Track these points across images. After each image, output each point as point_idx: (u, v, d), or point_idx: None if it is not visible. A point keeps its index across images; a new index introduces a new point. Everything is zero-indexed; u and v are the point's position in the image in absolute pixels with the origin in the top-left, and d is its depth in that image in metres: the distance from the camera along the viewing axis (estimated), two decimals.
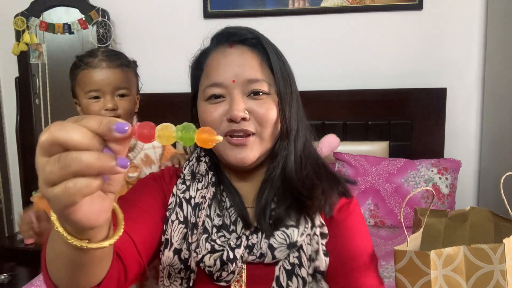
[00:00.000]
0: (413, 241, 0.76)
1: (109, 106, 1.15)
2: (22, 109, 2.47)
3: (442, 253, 0.65)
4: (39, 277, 1.69)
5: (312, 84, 2.35)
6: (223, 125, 0.74)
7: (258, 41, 0.78)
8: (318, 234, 0.76)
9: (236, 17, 2.39)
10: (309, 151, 0.81)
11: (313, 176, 0.78)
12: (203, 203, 0.78)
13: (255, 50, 0.77)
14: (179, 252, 0.75)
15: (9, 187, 2.66)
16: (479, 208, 0.83)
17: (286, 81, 0.79)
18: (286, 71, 0.80)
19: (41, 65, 2.51)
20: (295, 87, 0.81)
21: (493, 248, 0.65)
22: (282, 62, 0.80)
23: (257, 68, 0.76)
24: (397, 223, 2.07)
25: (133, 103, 1.23)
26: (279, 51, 0.81)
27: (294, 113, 0.79)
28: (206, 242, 0.74)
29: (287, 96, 0.78)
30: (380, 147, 2.30)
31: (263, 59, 0.77)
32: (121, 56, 1.23)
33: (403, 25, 2.35)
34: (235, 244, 0.74)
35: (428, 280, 0.65)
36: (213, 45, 0.80)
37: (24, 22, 2.37)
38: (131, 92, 1.22)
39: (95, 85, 1.16)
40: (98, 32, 2.37)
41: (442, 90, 2.30)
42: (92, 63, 1.17)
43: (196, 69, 0.82)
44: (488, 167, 2.31)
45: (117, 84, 1.17)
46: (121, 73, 1.19)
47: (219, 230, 0.76)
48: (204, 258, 0.73)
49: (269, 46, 0.79)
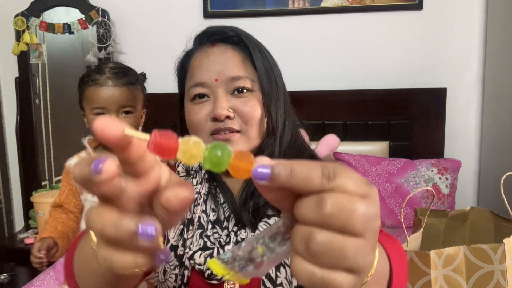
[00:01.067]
0: (413, 241, 0.76)
1: None
2: (22, 109, 2.47)
3: (442, 253, 0.65)
4: (39, 277, 1.69)
5: (312, 84, 2.35)
6: (208, 124, 0.74)
7: (240, 38, 0.78)
8: None
9: (236, 17, 2.39)
10: (298, 149, 0.80)
11: None
12: (199, 199, 0.78)
13: (237, 48, 0.77)
14: (175, 248, 0.76)
15: (9, 187, 2.66)
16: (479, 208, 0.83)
17: (271, 77, 0.78)
18: (270, 67, 0.79)
19: (41, 65, 2.51)
20: (281, 84, 0.80)
21: (493, 248, 0.65)
22: (266, 59, 0.79)
23: (239, 65, 0.75)
24: (397, 223, 2.07)
25: (138, 119, 1.27)
26: (263, 48, 0.80)
27: (280, 109, 0.78)
28: (200, 238, 0.74)
29: (272, 92, 0.77)
30: (380, 147, 2.30)
31: (245, 57, 0.77)
32: (129, 73, 1.26)
33: (403, 25, 2.35)
34: (225, 241, 0.74)
35: (428, 280, 0.65)
36: (196, 46, 0.80)
37: (24, 22, 2.37)
38: (136, 109, 1.25)
39: (100, 102, 1.20)
40: (98, 32, 2.37)
41: (442, 90, 2.30)
42: (99, 80, 1.20)
43: (181, 71, 0.82)
44: (488, 167, 2.31)
45: (122, 102, 1.21)
46: (127, 91, 1.22)
47: (214, 225, 0.76)
48: (194, 255, 0.73)
49: (252, 43, 0.78)
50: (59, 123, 2.63)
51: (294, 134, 0.81)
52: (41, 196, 2.26)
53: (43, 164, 2.55)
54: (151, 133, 0.32)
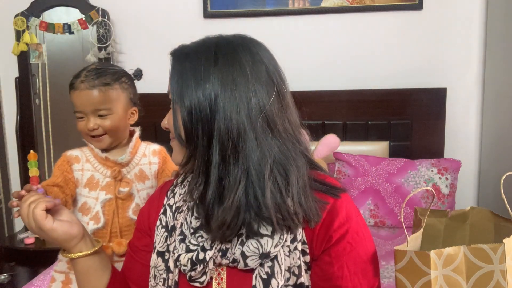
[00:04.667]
0: (413, 241, 0.76)
1: (90, 126, 1.19)
2: (22, 109, 2.47)
3: (442, 253, 0.65)
4: (39, 277, 1.69)
5: (312, 84, 2.35)
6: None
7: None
8: (299, 250, 0.71)
9: (236, 17, 2.39)
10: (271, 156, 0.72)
11: (275, 194, 0.69)
12: (183, 206, 0.80)
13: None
14: (161, 254, 0.79)
15: (9, 187, 2.66)
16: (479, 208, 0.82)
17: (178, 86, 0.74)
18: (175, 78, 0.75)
19: (41, 65, 2.51)
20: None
21: (493, 248, 0.65)
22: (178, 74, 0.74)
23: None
24: (397, 223, 2.07)
25: (120, 119, 1.22)
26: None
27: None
28: (181, 243, 0.76)
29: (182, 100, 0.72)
30: (380, 147, 2.30)
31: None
32: (103, 74, 1.22)
33: (403, 25, 2.35)
34: (209, 246, 0.74)
35: (428, 280, 0.65)
36: None
37: (24, 22, 2.37)
38: (113, 110, 1.21)
39: (77, 106, 1.20)
40: (98, 32, 2.37)
41: (442, 90, 2.30)
42: (74, 84, 1.20)
43: None
44: (488, 167, 2.31)
45: (95, 105, 1.19)
46: (99, 93, 1.19)
47: (196, 231, 0.76)
48: (180, 257, 0.75)
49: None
50: (59, 123, 2.63)
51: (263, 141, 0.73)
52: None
53: (43, 164, 2.55)
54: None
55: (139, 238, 0.89)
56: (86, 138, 1.24)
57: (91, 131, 1.19)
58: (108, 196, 1.23)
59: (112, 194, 1.23)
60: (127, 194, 1.23)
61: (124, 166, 1.25)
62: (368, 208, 2.10)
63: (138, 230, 0.90)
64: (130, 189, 1.23)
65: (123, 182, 1.24)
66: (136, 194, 1.24)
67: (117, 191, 1.23)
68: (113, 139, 1.24)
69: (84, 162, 1.27)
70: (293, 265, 0.72)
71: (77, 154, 1.29)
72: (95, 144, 1.23)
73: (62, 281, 1.27)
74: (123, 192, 1.23)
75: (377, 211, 2.09)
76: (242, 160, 0.69)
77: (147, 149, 1.32)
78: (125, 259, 0.92)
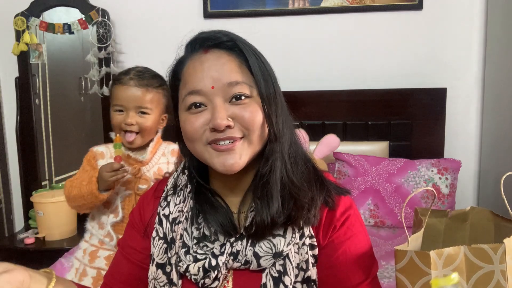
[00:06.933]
0: (414, 241, 0.76)
1: (128, 121, 1.28)
2: (22, 109, 2.47)
3: (442, 253, 0.65)
4: None
5: (312, 84, 2.35)
6: (206, 134, 0.72)
7: (234, 43, 0.74)
8: (308, 244, 0.74)
9: (236, 17, 2.39)
10: (296, 154, 0.78)
11: (301, 181, 0.75)
12: (180, 217, 0.78)
13: (232, 53, 0.74)
14: (162, 266, 0.78)
15: (9, 187, 2.66)
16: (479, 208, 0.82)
17: (268, 82, 0.75)
18: (266, 71, 0.75)
19: (41, 65, 2.51)
20: (278, 88, 0.77)
21: (494, 248, 0.65)
22: (262, 62, 0.76)
23: (236, 70, 0.72)
24: (397, 223, 2.07)
25: (154, 121, 1.33)
26: (258, 52, 0.77)
27: (279, 114, 0.75)
28: (187, 255, 0.75)
29: (270, 97, 0.74)
30: (380, 147, 2.30)
31: (241, 62, 0.73)
32: (153, 77, 1.32)
33: (403, 25, 2.35)
34: (219, 252, 0.73)
35: (428, 280, 0.65)
36: (188, 53, 0.77)
37: (24, 22, 2.37)
38: (154, 112, 1.32)
39: (120, 100, 1.29)
40: (98, 32, 2.37)
41: (442, 90, 2.30)
42: (123, 80, 1.30)
43: (174, 79, 0.78)
44: (488, 167, 2.31)
45: (139, 102, 1.28)
46: (146, 92, 1.29)
47: (199, 242, 0.76)
48: (189, 267, 0.74)
49: (247, 48, 0.74)
50: (59, 123, 2.63)
51: (293, 139, 0.79)
52: (41, 196, 2.26)
53: (43, 164, 2.55)
54: None
55: (133, 236, 0.86)
56: (118, 132, 1.32)
57: (128, 125, 1.28)
58: (128, 192, 1.32)
59: (131, 190, 1.32)
60: (145, 191, 1.29)
61: (144, 164, 1.34)
62: (368, 208, 2.10)
63: (133, 229, 0.87)
64: (148, 186, 1.30)
65: (142, 180, 1.32)
66: None
67: (136, 187, 1.32)
68: (144, 139, 1.33)
69: (108, 158, 1.36)
70: (302, 261, 0.74)
71: (103, 150, 1.38)
72: (126, 141, 1.31)
73: (76, 268, 1.34)
74: (141, 189, 1.31)
75: (377, 211, 2.09)
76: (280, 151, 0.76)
77: (167, 149, 1.40)
78: (114, 258, 0.89)
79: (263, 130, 0.74)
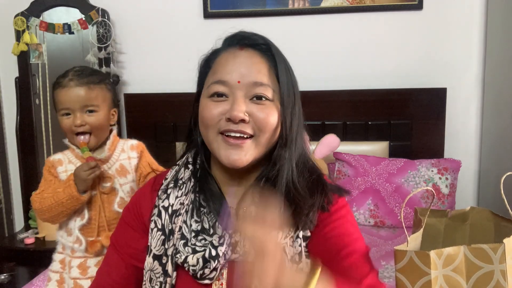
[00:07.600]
0: (414, 241, 0.76)
1: (77, 122, 1.25)
2: (22, 109, 2.47)
3: (442, 253, 0.65)
4: (39, 277, 1.69)
5: (312, 84, 2.35)
6: (220, 123, 0.75)
7: (268, 47, 0.79)
8: (301, 236, 0.77)
9: (236, 17, 2.39)
10: (304, 164, 0.82)
11: (305, 189, 0.78)
12: (181, 209, 0.80)
13: (264, 56, 0.78)
14: (158, 257, 0.79)
15: (9, 187, 2.66)
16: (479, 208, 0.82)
17: (290, 91, 0.79)
18: (291, 82, 0.81)
19: (41, 65, 2.51)
20: (298, 99, 0.82)
21: (494, 248, 0.65)
22: (290, 73, 0.81)
23: (265, 72, 0.77)
24: (397, 223, 2.07)
25: (105, 118, 1.30)
26: (287, 62, 0.82)
27: (295, 123, 0.79)
28: (185, 247, 0.77)
29: (289, 105, 0.78)
30: (380, 147, 2.30)
31: (271, 66, 0.78)
32: (92, 74, 1.30)
33: (403, 25, 2.35)
34: (218, 243, 0.75)
35: (428, 280, 0.65)
36: (225, 46, 0.82)
37: (24, 22, 2.37)
38: (101, 108, 1.29)
39: (64, 103, 1.26)
40: (98, 32, 2.37)
41: (442, 90, 2.30)
42: (62, 83, 1.26)
43: (204, 67, 0.83)
44: (488, 167, 2.31)
45: (85, 101, 1.25)
46: (89, 90, 1.26)
47: (197, 235, 0.78)
48: (187, 259, 0.75)
49: (279, 55, 0.80)
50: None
51: (303, 151, 0.83)
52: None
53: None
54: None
55: (128, 232, 0.86)
56: (71, 136, 1.29)
57: (77, 127, 1.25)
58: (93, 192, 1.29)
59: (95, 190, 1.29)
60: (110, 188, 1.30)
61: (104, 162, 1.31)
62: (368, 208, 2.10)
63: (129, 226, 0.87)
64: (112, 183, 1.30)
65: (106, 178, 1.30)
66: (119, 188, 1.30)
67: (101, 186, 1.30)
68: (98, 138, 1.30)
69: (67, 163, 1.34)
70: (295, 253, 0.76)
71: (60, 158, 1.37)
72: (80, 143, 1.28)
73: (57, 280, 1.31)
74: (105, 187, 1.30)
75: (377, 211, 2.09)
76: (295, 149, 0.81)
77: (125, 145, 1.38)
78: (106, 256, 0.89)
79: (273, 134, 0.77)
